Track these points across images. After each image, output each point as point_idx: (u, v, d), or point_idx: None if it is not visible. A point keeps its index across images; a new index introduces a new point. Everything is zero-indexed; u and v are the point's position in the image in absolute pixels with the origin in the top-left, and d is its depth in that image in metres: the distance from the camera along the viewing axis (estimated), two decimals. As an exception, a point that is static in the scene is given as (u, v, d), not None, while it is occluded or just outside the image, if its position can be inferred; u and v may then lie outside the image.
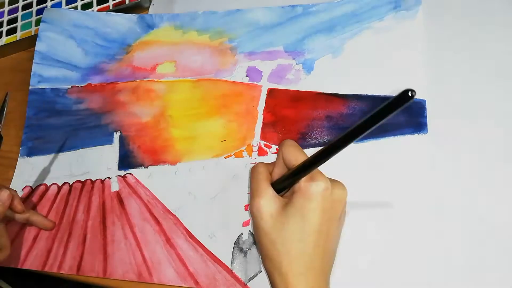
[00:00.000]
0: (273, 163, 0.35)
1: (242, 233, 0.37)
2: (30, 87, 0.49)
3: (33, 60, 0.49)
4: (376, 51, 0.40)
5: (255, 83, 0.42)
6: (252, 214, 0.32)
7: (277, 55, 0.43)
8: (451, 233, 0.33)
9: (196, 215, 0.39)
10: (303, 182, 0.30)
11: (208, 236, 0.38)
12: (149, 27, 0.49)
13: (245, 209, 0.38)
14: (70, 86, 0.48)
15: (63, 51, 0.49)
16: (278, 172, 0.34)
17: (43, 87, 0.48)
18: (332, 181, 0.31)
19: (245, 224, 0.37)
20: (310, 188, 0.30)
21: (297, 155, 0.32)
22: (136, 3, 0.50)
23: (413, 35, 0.39)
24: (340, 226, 0.33)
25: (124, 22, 0.49)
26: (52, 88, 0.48)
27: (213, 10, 0.47)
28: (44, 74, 0.49)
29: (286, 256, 0.30)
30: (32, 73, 0.49)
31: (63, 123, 0.46)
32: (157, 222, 0.40)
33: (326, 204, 0.30)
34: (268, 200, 0.31)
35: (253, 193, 0.32)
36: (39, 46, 0.50)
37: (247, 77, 0.43)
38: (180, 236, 0.38)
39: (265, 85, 0.42)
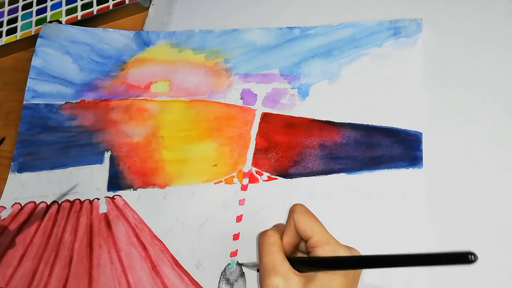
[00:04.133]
0: (281, 227, 0.31)
1: (229, 264, 0.36)
2: (24, 102, 0.48)
3: (28, 75, 0.49)
4: (373, 78, 0.38)
5: (249, 106, 0.41)
6: None
7: (272, 79, 0.42)
8: (446, 270, 0.32)
9: (183, 243, 0.38)
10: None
11: (195, 265, 0.37)
12: (145, 44, 0.48)
13: (234, 239, 0.37)
14: (63, 102, 0.47)
15: (58, 66, 0.49)
16: (288, 241, 0.30)
17: (37, 102, 0.48)
18: (351, 249, 0.28)
19: (232, 254, 0.36)
20: None
21: (314, 226, 0.29)
22: (136, 3, 0.50)
23: (412, 63, 0.38)
24: None
25: (121, 38, 0.49)
26: (45, 104, 0.48)
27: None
28: (39, 90, 0.48)
29: None
30: (26, 88, 0.48)
31: (55, 139, 0.46)
32: (144, 247, 0.39)
33: (349, 280, 0.27)
34: (287, 279, 0.27)
35: (267, 268, 0.28)
36: (35, 61, 0.49)
37: (241, 100, 0.42)
38: (166, 263, 0.38)
39: (259, 109, 0.41)
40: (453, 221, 0.33)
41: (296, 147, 0.38)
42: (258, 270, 0.35)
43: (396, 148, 0.35)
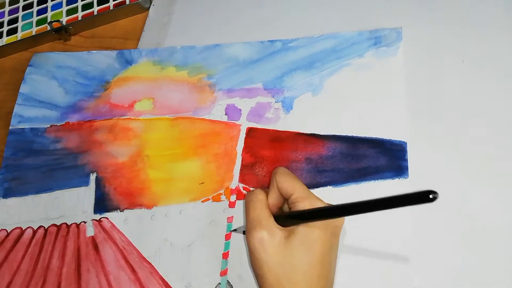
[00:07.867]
0: (266, 190, 0.33)
1: (219, 283, 0.36)
2: (10, 127, 0.48)
3: (16, 102, 0.48)
4: (356, 89, 0.38)
5: (234, 121, 0.41)
6: (252, 246, 0.30)
7: (256, 93, 0.42)
8: (433, 283, 0.32)
9: (172, 264, 0.37)
10: None
11: (185, 286, 0.36)
12: (128, 62, 0.48)
13: (223, 257, 0.36)
14: (49, 125, 0.47)
15: (45, 91, 0.48)
16: (272, 203, 0.32)
17: (23, 127, 0.47)
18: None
19: (222, 273, 0.36)
20: None
21: (294, 185, 0.31)
22: (137, 3, 0.50)
23: (394, 72, 0.38)
24: (337, 253, 0.32)
25: (103, 58, 0.48)
26: (31, 128, 0.47)
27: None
28: (25, 115, 0.48)
29: None
30: (13, 113, 0.48)
31: (40, 163, 0.45)
32: (133, 270, 0.38)
33: (328, 234, 0.29)
34: (272, 232, 0.29)
35: (253, 223, 0.30)
36: (23, 88, 0.49)
37: (226, 115, 0.42)
38: (156, 285, 0.37)
39: (244, 124, 0.41)
40: (439, 230, 0.33)
41: (282, 161, 0.38)
42: (244, 233, 0.35)
43: (382, 158, 0.35)
